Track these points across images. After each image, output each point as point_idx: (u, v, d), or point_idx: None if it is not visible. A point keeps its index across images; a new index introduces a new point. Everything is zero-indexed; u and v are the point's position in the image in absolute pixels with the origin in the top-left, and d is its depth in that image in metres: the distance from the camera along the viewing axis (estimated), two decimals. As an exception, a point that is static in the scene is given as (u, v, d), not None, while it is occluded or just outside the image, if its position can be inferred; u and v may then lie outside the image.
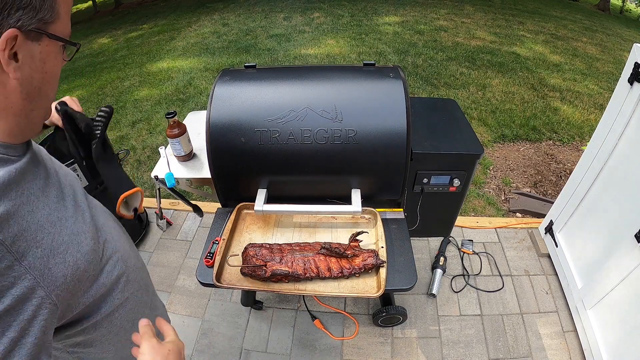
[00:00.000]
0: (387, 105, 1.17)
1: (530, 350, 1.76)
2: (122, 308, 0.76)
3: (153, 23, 7.61)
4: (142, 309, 0.85)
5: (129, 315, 0.79)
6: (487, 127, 3.58)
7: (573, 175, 1.91)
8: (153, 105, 4.12)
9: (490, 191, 2.86)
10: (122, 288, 0.75)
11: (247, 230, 1.31)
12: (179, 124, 1.51)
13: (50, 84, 0.58)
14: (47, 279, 0.54)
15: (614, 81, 3.73)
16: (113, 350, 0.77)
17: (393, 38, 5.88)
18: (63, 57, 0.58)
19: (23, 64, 0.51)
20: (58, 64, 0.57)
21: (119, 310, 0.75)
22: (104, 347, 0.75)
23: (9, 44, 0.48)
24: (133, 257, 0.84)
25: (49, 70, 0.55)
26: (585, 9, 10.78)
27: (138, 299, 0.83)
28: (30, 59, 0.52)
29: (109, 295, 0.72)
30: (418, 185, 1.57)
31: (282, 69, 1.37)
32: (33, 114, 0.57)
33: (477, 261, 2.16)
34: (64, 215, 0.61)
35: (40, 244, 0.54)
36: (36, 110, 0.58)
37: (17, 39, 0.49)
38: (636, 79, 1.45)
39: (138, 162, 3.20)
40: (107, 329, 0.73)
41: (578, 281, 1.83)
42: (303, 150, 1.18)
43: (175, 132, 1.49)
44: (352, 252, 1.16)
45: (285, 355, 1.77)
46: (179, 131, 1.49)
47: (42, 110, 0.59)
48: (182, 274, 2.13)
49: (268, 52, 5.47)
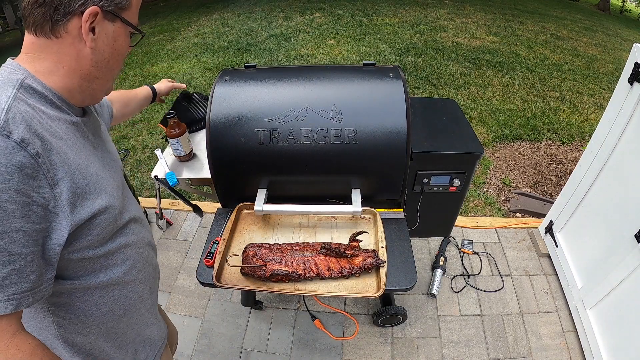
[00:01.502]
0: (387, 105, 1.17)
1: (530, 350, 1.76)
2: (118, 289, 0.77)
3: (153, 23, 7.60)
4: (140, 306, 0.85)
5: (124, 302, 0.79)
6: (487, 127, 3.58)
7: (573, 175, 1.91)
8: (153, 105, 4.10)
9: (490, 191, 2.86)
10: (126, 270, 0.78)
11: (247, 230, 1.31)
12: (178, 123, 1.50)
13: (116, 60, 0.69)
14: (69, 212, 0.60)
15: (614, 81, 3.73)
16: (95, 333, 0.76)
17: (393, 38, 5.88)
18: (129, 43, 0.70)
19: (98, 38, 0.63)
20: (125, 46, 0.69)
21: (114, 289, 0.76)
22: (87, 322, 0.74)
23: (91, 18, 0.60)
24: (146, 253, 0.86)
25: (117, 48, 0.67)
26: (585, 9, 10.78)
27: (139, 293, 0.84)
28: (104, 35, 0.64)
29: (110, 268, 0.74)
30: (418, 185, 1.57)
31: (282, 69, 1.37)
32: (96, 82, 0.68)
33: (477, 261, 2.16)
34: (102, 173, 0.71)
35: (76, 181, 0.62)
36: (100, 79, 0.68)
37: (97, 16, 0.61)
38: (636, 79, 1.45)
39: (138, 162, 3.20)
40: (95, 303, 0.74)
41: (578, 281, 1.83)
42: (303, 150, 1.18)
43: (176, 132, 1.48)
44: (352, 252, 1.15)
45: (285, 355, 1.77)
46: (179, 131, 1.49)
47: (104, 81, 0.69)
48: (182, 274, 2.13)
49: (268, 52, 5.47)
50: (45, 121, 0.60)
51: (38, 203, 0.56)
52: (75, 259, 0.67)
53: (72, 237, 0.63)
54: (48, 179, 0.56)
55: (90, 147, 0.71)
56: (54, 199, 0.58)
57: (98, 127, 0.80)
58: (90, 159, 0.69)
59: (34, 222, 0.56)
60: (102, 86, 0.70)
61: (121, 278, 0.77)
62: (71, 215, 0.60)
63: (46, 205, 0.57)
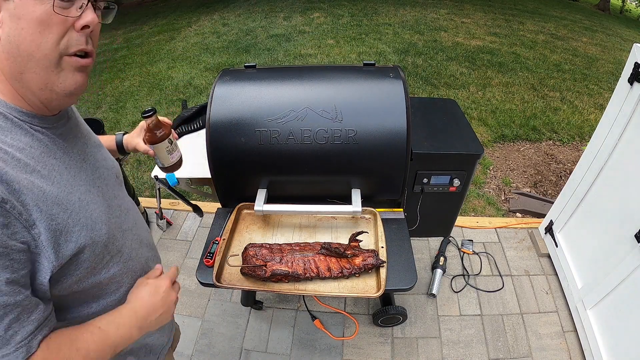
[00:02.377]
0: (387, 105, 1.17)
1: (530, 350, 1.75)
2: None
3: (153, 23, 7.60)
4: None
5: None
6: (487, 127, 3.58)
7: (573, 175, 1.91)
8: (154, 104, 4.12)
9: (490, 191, 2.86)
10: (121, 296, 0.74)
11: (247, 230, 1.31)
12: (159, 123, 0.98)
13: (28, 42, 0.52)
14: (51, 252, 0.55)
15: (614, 81, 3.73)
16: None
17: (393, 38, 5.88)
18: (54, 9, 0.52)
19: (3, 24, 0.51)
20: (38, 15, 0.52)
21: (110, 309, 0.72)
22: None
23: None
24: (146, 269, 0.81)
25: (25, 26, 0.52)
26: (585, 9, 10.78)
27: None
28: (8, 18, 0.51)
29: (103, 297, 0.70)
30: (418, 185, 1.56)
31: (282, 69, 1.37)
32: (25, 77, 0.54)
33: (477, 261, 2.16)
34: (87, 199, 0.62)
35: (54, 217, 0.55)
36: (26, 73, 0.54)
37: None
38: (636, 79, 1.45)
39: (138, 162, 3.20)
40: None
41: (578, 281, 1.83)
42: (303, 150, 1.18)
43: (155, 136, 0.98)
44: (352, 252, 1.15)
45: (285, 355, 1.77)
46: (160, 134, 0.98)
47: (33, 74, 0.54)
48: (182, 274, 2.12)
49: (268, 52, 5.47)
50: (7, 155, 0.51)
51: (18, 249, 0.50)
52: (62, 295, 0.61)
53: (58, 276, 0.58)
54: (22, 222, 0.51)
55: (72, 162, 0.62)
56: (34, 239, 0.52)
57: (80, 129, 0.70)
58: (72, 181, 0.60)
59: (18, 269, 0.51)
60: (36, 81, 0.55)
61: (118, 302, 0.72)
62: (54, 255, 0.55)
63: (27, 248, 0.52)
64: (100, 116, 3.92)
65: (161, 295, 0.74)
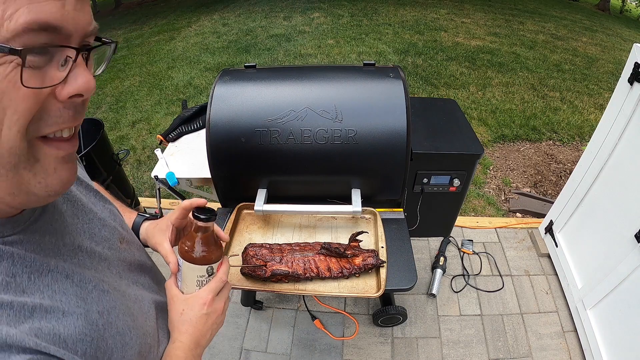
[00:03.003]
0: (387, 105, 1.17)
1: (530, 350, 1.75)
2: None
3: (153, 23, 7.60)
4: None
5: None
6: (487, 127, 3.58)
7: (573, 175, 1.91)
8: (153, 105, 4.12)
9: (490, 191, 2.86)
10: None
11: (247, 230, 1.31)
12: (207, 238, 0.63)
13: None
14: None
15: (614, 81, 3.73)
16: None
17: (393, 38, 5.88)
18: (22, 80, 0.32)
19: None
20: None
21: None
22: None
23: None
24: None
25: None
26: (585, 9, 10.77)
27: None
28: None
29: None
30: (418, 185, 1.57)
31: (282, 69, 1.37)
32: None
33: (477, 261, 2.16)
34: (106, 306, 0.48)
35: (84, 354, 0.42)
36: None
37: None
38: (636, 79, 1.45)
39: (138, 162, 3.20)
40: None
41: (578, 281, 1.83)
42: (303, 150, 1.18)
43: (201, 255, 0.62)
44: (352, 252, 1.15)
45: (285, 355, 1.77)
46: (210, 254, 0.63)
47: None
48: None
49: (268, 52, 5.47)
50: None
51: None
52: None
53: None
54: None
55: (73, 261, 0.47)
56: None
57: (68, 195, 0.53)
58: (81, 292, 0.45)
59: None
60: (8, 184, 0.36)
61: None
62: None
63: None
64: (100, 116, 3.92)
65: (205, 319, 0.61)
